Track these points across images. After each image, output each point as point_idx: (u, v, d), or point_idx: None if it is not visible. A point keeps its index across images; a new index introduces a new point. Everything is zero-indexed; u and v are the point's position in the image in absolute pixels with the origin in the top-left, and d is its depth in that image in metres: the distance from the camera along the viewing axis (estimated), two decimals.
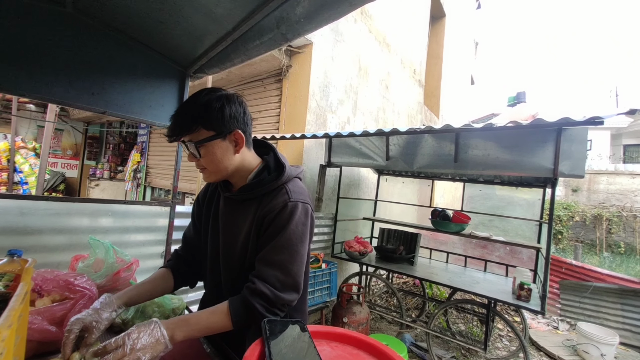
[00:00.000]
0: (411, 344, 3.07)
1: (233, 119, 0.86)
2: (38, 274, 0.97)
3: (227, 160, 0.88)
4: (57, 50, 1.23)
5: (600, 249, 9.80)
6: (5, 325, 0.49)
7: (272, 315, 0.80)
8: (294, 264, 0.84)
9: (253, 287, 0.80)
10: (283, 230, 0.84)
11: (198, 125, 0.83)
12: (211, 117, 0.83)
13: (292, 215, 0.85)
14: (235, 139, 0.88)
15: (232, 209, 0.96)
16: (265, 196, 0.90)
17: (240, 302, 0.80)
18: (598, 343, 3.02)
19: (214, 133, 0.84)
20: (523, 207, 4.42)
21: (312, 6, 0.89)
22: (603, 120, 1.73)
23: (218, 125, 0.84)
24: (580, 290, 4.20)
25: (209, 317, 0.79)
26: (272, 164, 0.96)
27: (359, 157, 3.21)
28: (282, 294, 0.80)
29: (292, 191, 0.89)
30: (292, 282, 0.83)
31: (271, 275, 0.81)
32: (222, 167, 0.88)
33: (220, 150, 0.86)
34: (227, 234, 0.95)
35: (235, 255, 0.93)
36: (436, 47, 7.28)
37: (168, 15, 1.14)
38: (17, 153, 6.52)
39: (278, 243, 0.83)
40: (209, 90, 0.88)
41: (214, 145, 0.85)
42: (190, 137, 0.85)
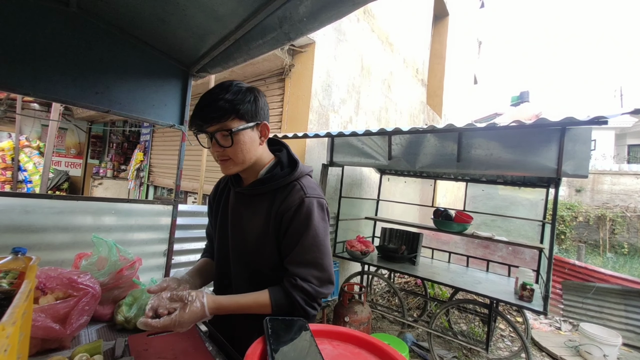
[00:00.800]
0: (413, 344, 3.06)
1: (262, 111, 0.89)
2: (42, 272, 0.98)
3: (253, 150, 0.89)
4: (61, 49, 1.23)
5: (603, 249, 9.74)
6: (9, 322, 0.49)
7: (311, 309, 0.85)
8: (325, 259, 0.87)
9: (294, 282, 0.83)
10: (307, 229, 0.85)
11: (232, 114, 0.83)
12: (245, 107, 0.85)
13: (311, 212, 0.86)
14: (261, 130, 0.90)
15: (243, 204, 0.95)
16: (279, 192, 0.90)
17: (283, 294, 0.84)
18: (601, 344, 3.00)
19: (246, 123, 0.86)
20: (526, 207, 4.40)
21: (315, 5, 0.89)
22: (607, 120, 1.72)
23: (250, 115, 0.86)
24: (583, 290, 4.18)
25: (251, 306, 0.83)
26: (285, 160, 0.96)
27: (361, 156, 3.21)
28: (321, 289, 0.85)
29: (307, 187, 0.90)
30: (327, 276, 0.87)
31: (308, 274, 0.84)
32: (248, 158, 0.89)
33: (250, 140, 0.87)
34: (237, 229, 0.95)
35: (247, 249, 0.93)
36: (439, 47, 7.25)
37: (171, 15, 1.14)
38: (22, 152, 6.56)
39: (306, 242, 0.85)
40: (236, 82, 0.88)
41: (245, 134, 0.86)
42: (221, 126, 0.84)
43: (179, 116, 1.64)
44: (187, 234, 2.25)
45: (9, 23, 1.12)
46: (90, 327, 1.05)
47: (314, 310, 0.86)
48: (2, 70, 1.13)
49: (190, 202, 5.30)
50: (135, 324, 1.06)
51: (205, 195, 4.50)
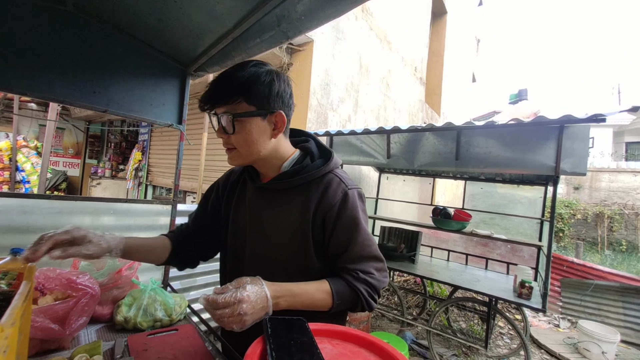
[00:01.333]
0: (412, 342, 3.07)
1: (279, 98, 0.78)
2: (41, 273, 0.98)
3: (262, 142, 0.79)
4: (58, 48, 1.23)
5: (601, 246, 9.78)
6: (8, 323, 0.49)
7: (373, 301, 0.81)
8: (377, 248, 0.84)
9: (357, 276, 0.79)
10: (357, 225, 0.80)
11: (240, 96, 0.75)
12: (256, 91, 0.76)
13: (355, 205, 0.81)
14: (275, 120, 0.80)
15: (266, 201, 0.86)
16: (313, 185, 0.82)
17: (345, 286, 0.79)
18: (599, 341, 3.02)
19: (255, 109, 0.76)
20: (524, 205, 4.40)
21: (313, 4, 0.89)
22: (605, 118, 1.73)
23: (262, 101, 0.76)
24: (582, 288, 4.20)
25: (314, 294, 0.76)
26: (316, 151, 0.89)
27: (360, 155, 3.21)
28: (383, 279, 0.83)
29: (344, 178, 0.84)
30: (384, 265, 0.85)
31: (369, 267, 0.81)
32: (254, 150, 0.80)
33: (258, 129, 0.78)
34: (258, 228, 0.86)
35: (278, 254, 0.84)
36: (437, 45, 7.25)
37: (168, 14, 1.13)
38: (19, 152, 6.54)
39: (359, 239, 0.80)
40: (257, 62, 0.80)
41: (252, 122, 0.77)
42: (227, 109, 0.77)
43: (177, 115, 1.64)
44: None
45: (5, 22, 1.11)
46: (90, 327, 1.05)
47: (376, 302, 0.83)
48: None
49: (189, 201, 5.29)
50: (135, 324, 1.06)
51: None
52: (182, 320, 1.17)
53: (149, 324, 1.08)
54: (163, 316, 1.11)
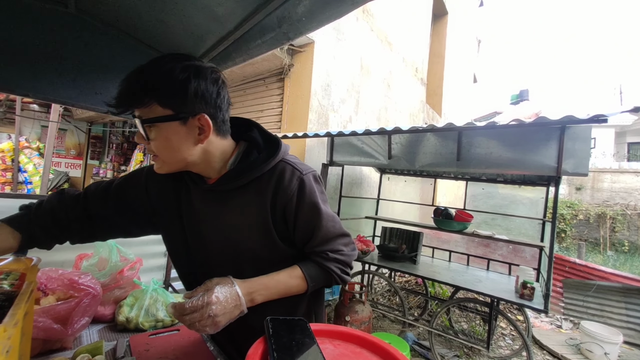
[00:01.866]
0: (414, 343, 3.07)
1: (200, 99, 0.68)
2: (43, 273, 0.98)
3: (186, 149, 0.71)
4: (60, 50, 1.23)
5: (604, 247, 9.74)
6: (11, 323, 0.49)
7: (347, 275, 0.83)
8: (341, 225, 0.84)
9: (327, 256, 0.80)
10: (318, 213, 0.78)
11: (151, 98, 0.65)
12: (170, 91, 0.65)
13: (312, 189, 0.78)
14: (200, 124, 0.70)
15: (220, 202, 0.79)
16: (265, 177, 0.77)
17: (316, 267, 0.80)
18: (602, 342, 3.00)
19: (171, 112, 0.66)
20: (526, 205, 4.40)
21: (314, 5, 0.89)
22: (607, 118, 1.72)
23: (178, 104, 0.66)
24: (584, 289, 4.18)
25: (287, 281, 0.76)
26: (260, 141, 0.81)
27: (361, 156, 3.21)
28: (352, 253, 0.84)
29: (295, 164, 0.79)
30: (350, 240, 0.86)
31: (336, 245, 0.81)
32: (179, 158, 0.71)
33: (177, 136, 0.68)
34: (222, 230, 0.80)
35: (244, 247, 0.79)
36: (438, 45, 7.25)
37: (169, 15, 1.14)
38: (21, 153, 6.56)
39: (323, 224, 0.79)
40: (175, 55, 0.69)
41: (169, 128, 0.67)
42: (140, 112, 0.67)
43: None
44: None
45: (7, 24, 1.12)
46: (92, 327, 1.06)
47: (349, 275, 0.85)
48: (1, 71, 1.14)
49: None
50: (137, 324, 1.06)
51: None
52: None
53: (151, 324, 1.08)
54: (165, 316, 1.12)
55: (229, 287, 0.67)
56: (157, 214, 0.89)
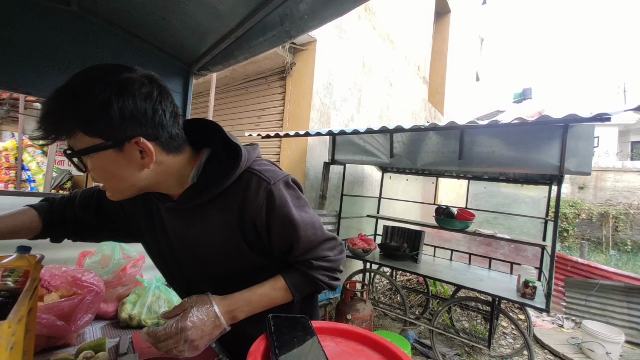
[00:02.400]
0: (415, 341, 3.07)
1: (129, 121, 0.57)
2: (46, 270, 0.99)
3: (130, 177, 0.62)
4: (63, 48, 1.24)
5: (606, 246, 9.71)
6: (15, 319, 0.50)
7: (335, 281, 0.80)
8: (323, 231, 0.78)
9: (311, 264, 0.75)
10: (292, 221, 0.71)
11: (74, 127, 0.56)
12: (91, 117, 0.55)
13: (283, 199, 0.70)
14: (140, 148, 0.59)
15: (182, 219, 0.75)
16: (230, 190, 0.70)
17: (300, 277, 0.76)
18: (603, 341, 3.00)
19: (101, 141, 0.56)
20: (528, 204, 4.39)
21: (316, 3, 0.89)
22: (610, 117, 1.71)
23: (104, 130, 0.56)
24: (586, 288, 4.17)
25: (271, 294, 0.73)
26: (222, 150, 0.73)
27: (363, 154, 3.21)
28: (338, 257, 0.80)
29: (263, 171, 0.71)
30: (336, 243, 0.80)
31: (321, 252, 0.76)
32: (126, 186, 0.64)
33: (116, 164, 0.60)
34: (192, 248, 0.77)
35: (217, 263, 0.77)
36: (441, 44, 7.21)
37: (172, 13, 1.14)
38: (25, 151, 6.59)
39: (301, 234, 0.72)
40: (92, 72, 0.58)
41: (103, 158, 0.58)
42: (70, 142, 0.58)
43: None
44: None
45: (11, 22, 1.12)
46: (95, 324, 1.06)
47: (338, 280, 0.80)
48: (4, 69, 1.14)
49: None
50: (139, 321, 1.07)
51: None
52: None
53: (153, 322, 1.09)
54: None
55: (206, 308, 0.65)
56: (134, 227, 0.87)
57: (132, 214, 0.85)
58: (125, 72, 0.58)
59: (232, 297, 0.70)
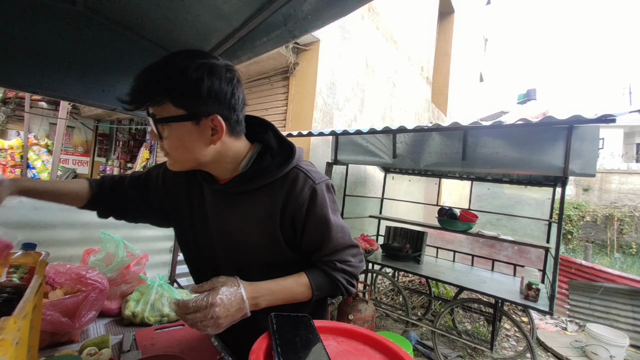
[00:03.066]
0: (417, 343, 3.06)
1: (213, 99, 0.65)
2: (51, 267, 1.00)
3: (198, 150, 0.69)
4: (68, 48, 1.25)
5: (611, 249, 9.62)
6: (20, 315, 0.50)
7: (352, 287, 0.82)
8: (350, 236, 0.83)
9: (334, 266, 0.79)
10: (328, 223, 0.76)
11: (164, 97, 0.64)
12: (183, 91, 0.64)
13: (324, 201, 0.76)
14: (213, 125, 0.67)
15: (226, 203, 0.79)
16: (278, 182, 0.75)
17: (323, 276, 0.79)
18: (607, 345, 2.97)
19: (184, 112, 0.65)
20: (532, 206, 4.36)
21: (319, 3, 0.89)
22: (615, 118, 1.70)
23: (191, 104, 0.65)
24: (590, 290, 4.14)
25: (293, 288, 0.75)
26: (275, 145, 0.79)
27: (366, 154, 3.21)
28: (359, 264, 0.83)
29: (309, 172, 0.77)
30: (359, 250, 0.85)
31: (345, 256, 0.80)
32: (190, 158, 0.70)
33: (190, 136, 0.67)
34: (226, 232, 0.80)
35: (245, 252, 0.79)
36: (444, 44, 7.19)
37: (176, 13, 1.15)
38: (30, 150, 6.66)
39: (332, 234, 0.77)
40: (190, 52, 0.67)
41: (181, 128, 0.66)
42: (154, 110, 0.66)
43: None
44: None
45: (17, 22, 1.13)
46: (98, 321, 1.07)
47: (354, 287, 0.84)
48: (10, 68, 1.15)
49: None
50: (142, 319, 1.07)
51: None
52: None
53: (156, 319, 1.10)
54: (170, 311, 1.13)
55: (235, 289, 0.66)
56: (171, 208, 0.90)
57: (174, 194, 0.88)
58: (212, 58, 0.68)
59: (257, 284, 0.72)
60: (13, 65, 1.15)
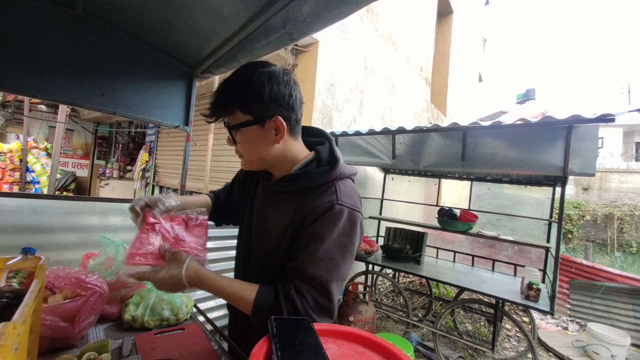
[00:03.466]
0: (418, 344, 3.06)
1: (274, 102, 0.73)
2: (50, 272, 1.00)
3: (265, 149, 0.78)
4: (68, 51, 1.25)
5: (611, 248, 9.62)
6: (20, 320, 0.50)
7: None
8: (332, 282, 0.72)
9: (288, 291, 0.71)
10: (323, 238, 0.71)
11: (235, 106, 0.74)
12: (248, 98, 0.73)
13: (336, 221, 0.72)
14: (275, 126, 0.75)
15: (270, 200, 0.86)
16: (311, 191, 0.78)
17: (272, 297, 0.72)
18: (608, 344, 2.97)
19: (251, 117, 0.74)
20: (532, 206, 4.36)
21: (318, 5, 0.90)
22: (614, 118, 1.70)
23: (256, 109, 0.74)
24: (591, 290, 4.14)
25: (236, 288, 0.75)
26: (325, 156, 0.83)
27: (365, 155, 3.21)
28: (315, 316, 0.71)
29: (342, 192, 0.76)
30: (327, 305, 0.72)
31: (307, 292, 0.70)
32: (259, 157, 0.80)
33: (257, 138, 0.76)
34: (261, 225, 0.86)
35: (267, 248, 0.82)
36: (443, 45, 7.21)
37: (176, 17, 1.15)
38: (29, 153, 6.65)
39: (316, 253, 0.71)
40: (251, 65, 0.77)
41: (250, 131, 0.76)
42: (228, 120, 0.77)
43: (184, 117, 1.66)
44: None
45: (17, 26, 1.14)
46: (98, 326, 1.07)
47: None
48: (10, 72, 1.15)
49: None
50: (142, 323, 1.07)
51: None
52: (189, 320, 1.18)
53: (156, 323, 1.09)
54: (170, 315, 1.13)
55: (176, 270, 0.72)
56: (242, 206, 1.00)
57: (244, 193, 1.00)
58: (271, 66, 0.76)
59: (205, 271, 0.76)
60: (12, 68, 1.15)
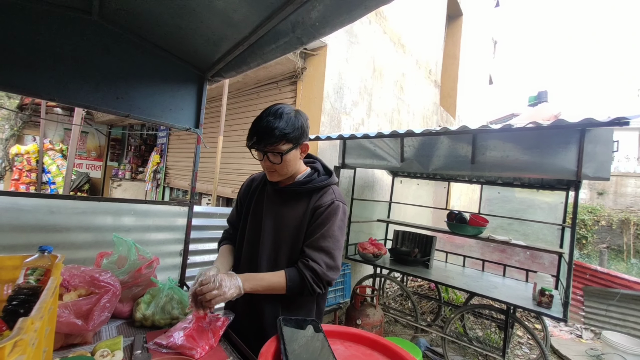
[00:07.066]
0: (426, 349, 3.02)
1: (304, 132, 1.06)
2: (66, 270, 1.02)
3: (294, 165, 1.08)
4: (84, 56, 1.29)
5: (627, 254, 9.32)
6: (37, 316, 0.52)
7: (317, 287, 1.00)
8: (336, 250, 1.05)
9: (306, 263, 1.00)
10: (329, 223, 1.04)
11: (284, 140, 1.01)
12: (295, 134, 1.02)
13: (336, 212, 1.06)
14: (302, 148, 1.09)
15: (281, 200, 1.13)
16: (315, 192, 1.10)
17: (296, 272, 1.00)
18: (624, 353, 2.88)
19: (292, 145, 1.03)
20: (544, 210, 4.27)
21: (327, 10, 0.91)
22: (629, 121, 1.66)
23: (296, 139, 1.04)
24: (606, 297, 4.02)
25: (271, 278, 1.00)
26: (322, 169, 1.18)
27: (373, 158, 3.20)
28: (328, 273, 1.01)
29: (337, 193, 1.12)
30: (334, 264, 1.04)
31: (320, 258, 1.01)
32: (290, 171, 1.09)
33: (294, 157, 1.07)
34: (274, 220, 1.11)
35: (285, 237, 1.08)
36: (453, 47, 7.15)
37: (188, 22, 1.18)
38: (45, 154, 6.84)
39: (326, 233, 1.03)
40: (285, 110, 1.03)
41: (291, 154, 1.04)
42: (274, 148, 1.01)
43: (195, 120, 1.68)
44: (202, 234, 2.29)
45: (35, 32, 1.18)
46: (111, 323, 1.09)
47: (320, 289, 1.01)
48: (28, 76, 1.20)
49: (204, 203, 5.39)
50: (153, 322, 1.09)
51: (219, 197, 4.58)
52: None
53: (166, 322, 1.11)
54: (179, 314, 1.14)
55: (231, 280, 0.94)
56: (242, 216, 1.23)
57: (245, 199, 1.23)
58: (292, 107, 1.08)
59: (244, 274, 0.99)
60: (30, 72, 1.20)
